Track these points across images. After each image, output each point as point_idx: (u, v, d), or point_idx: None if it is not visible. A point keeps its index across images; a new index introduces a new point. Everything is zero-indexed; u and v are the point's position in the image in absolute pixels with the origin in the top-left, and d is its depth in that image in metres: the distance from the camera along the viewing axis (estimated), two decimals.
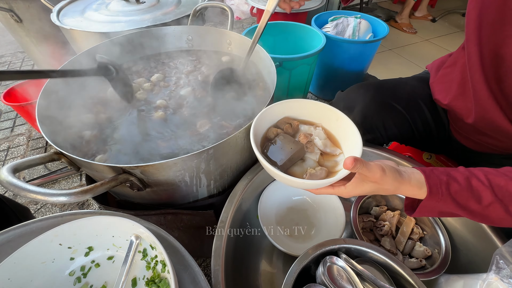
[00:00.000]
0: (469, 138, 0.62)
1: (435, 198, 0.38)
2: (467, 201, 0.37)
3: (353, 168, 0.36)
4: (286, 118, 0.54)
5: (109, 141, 0.58)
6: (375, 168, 0.37)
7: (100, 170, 0.47)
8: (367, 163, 0.37)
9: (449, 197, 0.37)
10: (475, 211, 0.37)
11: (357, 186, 0.41)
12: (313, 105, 0.54)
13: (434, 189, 0.37)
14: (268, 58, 0.70)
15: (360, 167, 0.36)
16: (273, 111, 0.53)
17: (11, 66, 1.83)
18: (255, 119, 0.49)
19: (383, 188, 0.39)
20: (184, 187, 0.54)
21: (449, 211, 0.39)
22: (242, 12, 2.32)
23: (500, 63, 0.45)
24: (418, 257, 0.58)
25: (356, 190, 0.41)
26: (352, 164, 0.36)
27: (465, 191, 0.37)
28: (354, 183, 0.41)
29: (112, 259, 0.44)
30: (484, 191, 0.36)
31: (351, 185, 0.41)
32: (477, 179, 0.37)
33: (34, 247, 0.38)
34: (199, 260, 0.87)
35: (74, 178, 1.13)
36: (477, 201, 0.36)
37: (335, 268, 0.43)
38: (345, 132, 0.50)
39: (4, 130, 1.35)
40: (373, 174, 0.37)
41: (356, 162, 0.36)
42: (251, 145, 0.45)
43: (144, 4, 1.00)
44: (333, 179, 0.41)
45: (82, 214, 0.46)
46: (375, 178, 0.37)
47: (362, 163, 0.36)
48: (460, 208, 0.37)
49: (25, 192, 0.35)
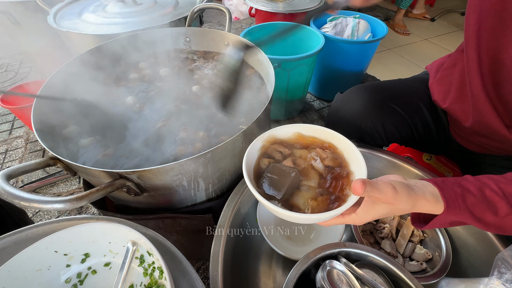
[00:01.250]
0: (468, 140, 0.62)
1: (453, 212, 0.35)
2: (483, 214, 0.35)
3: (363, 192, 0.33)
4: (275, 145, 0.47)
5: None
6: (385, 187, 0.34)
7: (96, 175, 0.47)
8: (376, 183, 0.34)
9: (466, 210, 0.35)
10: (490, 223, 0.36)
11: (369, 210, 0.37)
12: (306, 129, 0.49)
13: (451, 203, 0.35)
14: (266, 59, 0.70)
15: (370, 189, 0.33)
16: (262, 141, 0.47)
17: (9, 68, 1.82)
18: (245, 154, 0.43)
19: (398, 208, 0.36)
20: (182, 191, 0.54)
21: (461, 221, 0.37)
22: (241, 12, 2.32)
23: (499, 69, 0.45)
24: (418, 260, 0.57)
25: (369, 215, 0.37)
26: (362, 188, 0.32)
27: (481, 203, 0.35)
28: (366, 207, 0.37)
29: (109, 266, 0.43)
30: (499, 202, 0.35)
31: (362, 211, 0.37)
32: (490, 189, 0.36)
33: (29, 255, 0.37)
34: (199, 263, 0.86)
35: (72, 181, 1.13)
36: (493, 212, 0.35)
37: (335, 272, 0.43)
38: (346, 151, 0.45)
39: (2, 133, 1.35)
40: (385, 194, 0.34)
41: (365, 185, 0.33)
42: (247, 184, 0.39)
43: (141, 5, 0.99)
44: (341, 209, 0.36)
45: (78, 220, 0.45)
46: (388, 198, 0.34)
47: (371, 185, 0.33)
48: (475, 220, 0.36)
49: (19, 200, 0.35)
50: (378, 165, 0.66)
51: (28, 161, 1.20)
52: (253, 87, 0.73)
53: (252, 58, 0.79)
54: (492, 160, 0.61)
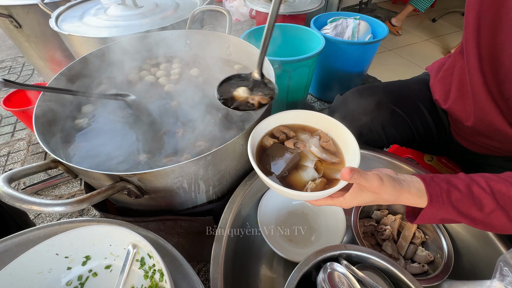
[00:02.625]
0: (470, 140, 0.61)
1: (436, 206, 0.37)
2: (468, 209, 0.36)
3: (350, 178, 0.36)
4: (281, 127, 0.53)
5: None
6: (372, 177, 0.37)
7: (97, 178, 0.47)
8: (365, 172, 0.37)
9: (450, 205, 0.37)
10: (477, 219, 0.37)
11: (356, 196, 0.40)
12: (310, 115, 0.55)
13: (434, 198, 0.37)
14: (266, 61, 0.70)
15: (358, 177, 0.36)
16: (269, 122, 0.53)
17: (12, 71, 1.83)
18: (252, 133, 0.48)
19: (382, 198, 0.39)
20: (183, 193, 0.54)
21: (451, 218, 0.38)
22: (242, 14, 2.33)
23: (499, 66, 0.45)
24: (420, 262, 0.57)
25: (355, 201, 0.41)
26: (348, 174, 0.36)
27: (466, 198, 0.36)
28: (353, 193, 0.40)
29: (110, 268, 0.43)
30: (486, 198, 0.36)
31: (349, 196, 0.41)
32: (478, 186, 0.37)
33: (31, 257, 0.37)
34: (199, 265, 0.86)
35: (74, 183, 1.13)
36: (478, 208, 0.36)
37: (336, 274, 0.43)
38: (345, 141, 0.50)
39: (4, 135, 1.36)
40: (371, 183, 0.37)
41: (352, 172, 0.36)
42: (249, 159, 0.45)
43: (142, 8, 1.00)
44: (330, 190, 0.41)
45: (79, 222, 0.45)
46: (373, 187, 0.37)
47: (359, 173, 0.36)
48: (461, 216, 0.37)
49: (20, 202, 0.35)
50: (379, 166, 0.65)
51: (30, 163, 1.21)
52: None
53: (253, 60, 0.79)
54: (493, 161, 0.60)
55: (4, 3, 1.05)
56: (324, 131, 0.53)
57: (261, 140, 0.51)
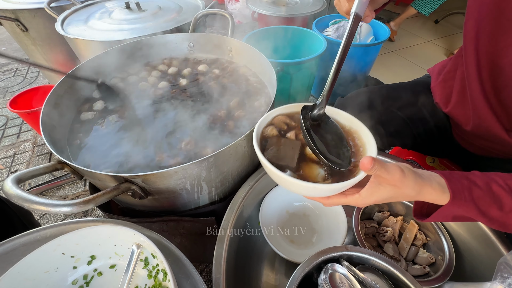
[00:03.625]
0: (471, 143, 0.62)
1: (458, 203, 0.35)
2: (488, 207, 0.35)
3: (371, 168, 0.32)
4: (283, 117, 0.48)
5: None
6: (393, 169, 0.33)
7: (102, 179, 0.48)
8: (385, 164, 0.33)
9: (472, 202, 0.35)
10: (495, 218, 0.35)
11: (373, 192, 0.36)
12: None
13: (457, 194, 0.35)
14: (268, 64, 0.71)
15: (379, 167, 0.32)
16: (273, 113, 0.48)
17: (17, 73, 1.86)
18: (256, 126, 0.44)
19: (402, 193, 0.35)
20: (186, 194, 0.54)
21: (465, 216, 0.37)
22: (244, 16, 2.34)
23: (499, 74, 0.45)
24: (421, 264, 0.57)
25: (372, 197, 0.37)
26: (371, 163, 0.31)
27: (487, 196, 0.35)
28: (370, 188, 0.36)
29: (114, 268, 0.44)
30: (506, 197, 0.34)
31: (366, 191, 0.37)
32: (496, 184, 0.35)
33: (38, 257, 0.38)
34: (202, 265, 0.87)
35: (78, 184, 1.14)
36: (498, 207, 0.35)
37: (337, 275, 0.43)
38: (357, 133, 0.45)
39: (10, 136, 1.38)
40: (392, 175, 0.33)
41: (374, 162, 0.32)
42: (255, 151, 0.41)
43: (146, 12, 1.02)
44: (348, 183, 0.35)
45: (85, 223, 0.46)
46: (394, 180, 0.33)
47: (380, 164, 0.32)
48: (480, 214, 0.35)
49: (29, 203, 0.36)
50: None
51: (35, 164, 1.22)
52: (255, 91, 0.74)
53: (255, 63, 0.80)
54: (495, 163, 0.60)
55: (11, 8, 1.08)
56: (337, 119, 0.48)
57: (263, 132, 0.46)
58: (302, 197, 0.69)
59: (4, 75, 1.84)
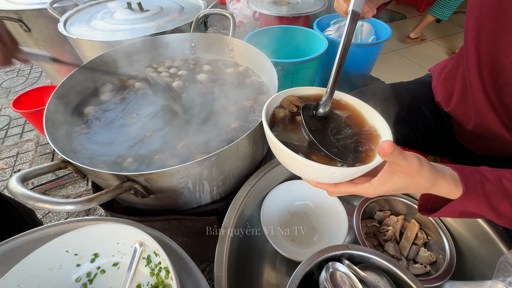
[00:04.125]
0: (472, 142, 0.62)
1: (470, 197, 0.34)
2: (499, 203, 0.34)
3: (390, 153, 0.29)
4: (292, 98, 0.46)
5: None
6: (412, 157, 0.31)
7: (105, 178, 0.48)
8: (403, 151, 0.31)
9: (484, 197, 0.34)
10: (504, 213, 0.34)
11: (385, 181, 0.34)
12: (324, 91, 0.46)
13: (470, 188, 0.34)
14: (269, 63, 0.71)
15: (397, 154, 0.30)
16: (282, 96, 0.47)
17: (20, 73, 1.87)
18: (265, 105, 0.42)
19: (417, 183, 0.33)
20: (187, 193, 0.55)
21: (474, 212, 0.36)
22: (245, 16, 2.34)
23: (499, 72, 0.45)
24: (422, 263, 0.57)
25: (383, 187, 0.35)
26: (391, 148, 0.28)
27: (499, 191, 0.34)
28: (383, 177, 0.34)
29: (117, 266, 0.44)
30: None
31: (378, 180, 0.35)
32: (507, 179, 0.34)
33: (42, 254, 0.39)
34: (203, 264, 0.87)
35: (80, 183, 1.15)
36: (509, 203, 0.34)
37: (338, 274, 0.43)
38: (370, 117, 0.43)
39: (13, 136, 1.39)
40: (410, 164, 0.31)
41: (394, 146, 0.29)
42: (264, 130, 0.39)
43: (148, 12, 1.02)
44: (364, 167, 0.33)
45: (88, 221, 0.47)
46: (411, 169, 0.31)
47: (399, 150, 0.30)
48: (490, 210, 0.34)
49: (34, 201, 0.36)
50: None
51: (38, 163, 1.23)
52: (257, 91, 0.74)
53: (256, 62, 0.80)
54: (497, 163, 0.60)
55: (14, 8, 1.08)
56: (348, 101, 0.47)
57: (272, 113, 0.45)
58: (303, 196, 0.70)
59: (7, 75, 1.86)
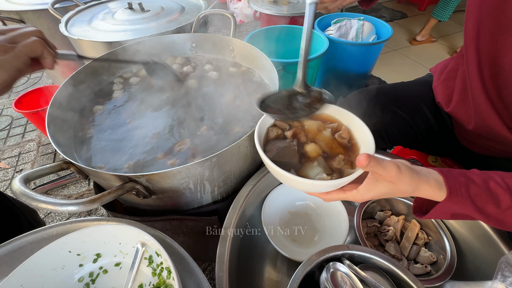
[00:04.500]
0: (473, 142, 0.62)
1: (454, 200, 0.36)
2: (485, 204, 0.35)
3: (367, 165, 0.33)
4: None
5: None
6: (390, 165, 0.34)
7: (107, 179, 0.49)
8: (381, 160, 0.34)
9: (469, 199, 0.35)
10: (492, 215, 0.36)
11: (371, 187, 0.37)
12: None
13: (454, 191, 0.35)
14: (270, 64, 0.71)
15: (375, 164, 0.33)
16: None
17: None
18: (258, 124, 0.46)
19: (399, 189, 0.36)
20: (189, 194, 0.55)
21: (463, 214, 0.37)
22: (246, 15, 2.34)
23: (499, 72, 0.45)
24: (423, 263, 0.57)
25: (370, 193, 0.38)
26: (366, 160, 0.32)
27: (484, 193, 0.35)
28: (367, 184, 0.37)
29: (119, 266, 0.45)
30: (503, 194, 0.35)
31: (364, 187, 0.38)
32: (494, 181, 0.36)
33: (45, 255, 0.39)
34: (204, 264, 0.88)
35: (82, 183, 1.16)
36: (495, 204, 0.35)
37: (339, 274, 0.43)
38: (357, 130, 0.46)
39: (15, 136, 1.40)
40: (388, 172, 0.34)
41: (370, 158, 0.32)
42: (257, 149, 0.42)
43: (149, 12, 1.02)
44: (344, 180, 0.37)
45: (90, 221, 0.47)
46: (391, 176, 0.34)
47: (376, 160, 0.33)
48: (477, 211, 0.36)
49: (37, 202, 0.37)
50: None
51: (40, 163, 1.24)
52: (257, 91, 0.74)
53: (256, 62, 0.80)
54: (498, 163, 0.61)
55: (16, 9, 1.09)
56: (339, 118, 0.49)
57: (266, 132, 0.48)
58: (303, 196, 0.70)
59: None
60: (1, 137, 1.39)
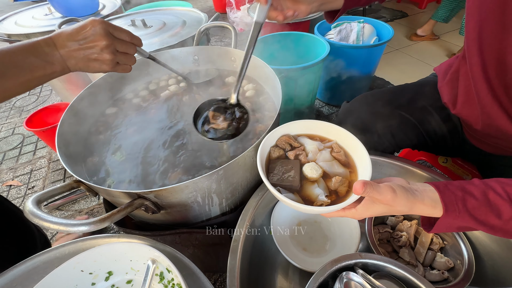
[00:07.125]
0: (483, 141, 0.60)
1: (452, 215, 0.36)
2: (486, 217, 0.35)
3: (363, 192, 0.36)
4: (285, 137, 0.53)
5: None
6: (385, 190, 0.36)
7: (116, 196, 0.49)
8: (377, 185, 0.37)
9: (467, 213, 0.36)
10: (496, 226, 0.36)
11: (368, 208, 0.40)
12: (318, 125, 0.55)
13: (450, 207, 0.36)
14: (272, 73, 0.71)
15: (370, 190, 0.36)
16: (278, 133, 0.53)
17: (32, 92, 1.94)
18: (260, 146, 0.49)
19: (395, 210, 0.38)
20: (197, 207, 0.55)
21: (468, 226, 0.37)
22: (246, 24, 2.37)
23: (506, 71, 0.44)
24: (440, 269, 0.56)
25: (367, 212, 0.40)
26: (362, 188, 0.35)
27: (483, 206, 0.35)
28: (365, 205, 0.40)
29: (131, 283, 0.45)
30: (503, 205, 0.35)
31: (362, 207, 0.40)
32: (494, 192, 0.36)
33: (58, 275, 0.40)
34: (215, 275, 0.87)
35: (92, 198, 1.17)
36: (496, 216, 0.35)
37: (353, 284, 0.42)
38: (355, 151, 0.50)
39: (27, 154, 1.43)
40: (384, 196, 0.36)
41: (365, 186, 0.35)
42: (261, 176, 0.45)
43: (151, 28, 1.05)
44: (341, 205, 0.41)
45: (101, 239, 0.48)
46: (387, 200, 0.37)
47: (372, 187, 0.36)
48: (479, 224, 0.36)
49: (48, 223, 0.37)
50: (391, 172, 0.65)
51: (51, 179, 1.27)
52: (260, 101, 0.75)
53: (258, 72, 0.81)
54: (509, 161, 0.59)
55: (25, 32, 1.13)
56: (337, 139, 0.53)
57: (269, 153, 0.52)
58: None
59: (19, 95, 1.93)
60: (14, 155, 1.43)
